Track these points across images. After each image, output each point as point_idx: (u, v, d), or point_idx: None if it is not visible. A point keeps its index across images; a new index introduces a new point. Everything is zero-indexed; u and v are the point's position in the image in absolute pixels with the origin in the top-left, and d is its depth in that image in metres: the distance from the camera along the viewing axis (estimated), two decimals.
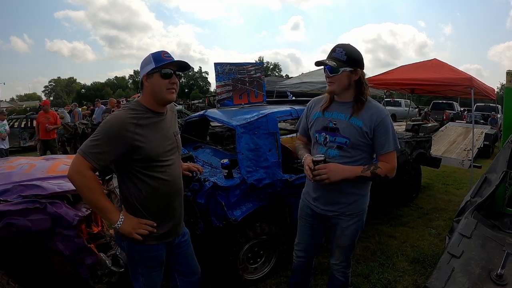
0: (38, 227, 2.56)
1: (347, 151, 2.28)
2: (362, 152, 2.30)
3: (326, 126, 2.35)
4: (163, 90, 2.00)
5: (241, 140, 3.35)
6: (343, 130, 2.27)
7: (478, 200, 2.61)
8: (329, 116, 2.36)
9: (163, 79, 1.99)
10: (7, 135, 8.98)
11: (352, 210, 2.39)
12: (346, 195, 2.36)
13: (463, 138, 10.62)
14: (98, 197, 1.91)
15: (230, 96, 4.50)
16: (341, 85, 2.25)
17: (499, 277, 1.79)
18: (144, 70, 2.01)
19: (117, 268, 2.94)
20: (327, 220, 2.48)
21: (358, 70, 2.23)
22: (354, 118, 2.25)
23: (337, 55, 2.21)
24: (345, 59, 2.19)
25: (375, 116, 2.23)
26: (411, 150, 5.60)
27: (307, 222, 2.60)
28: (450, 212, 5.59)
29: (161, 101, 2.06)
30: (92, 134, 1.92)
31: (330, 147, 2.32)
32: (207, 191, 3.00)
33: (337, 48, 2.23)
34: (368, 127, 2.23)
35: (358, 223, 2.44)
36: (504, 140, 3.97)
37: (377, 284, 3.52)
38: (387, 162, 2.27)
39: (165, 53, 2.01)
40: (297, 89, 14.86)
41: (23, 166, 3.21)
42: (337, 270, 2.57)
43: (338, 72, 2.20)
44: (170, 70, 2.00)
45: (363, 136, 2.24)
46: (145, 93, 2.04)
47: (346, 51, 2.20)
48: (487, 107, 18.86)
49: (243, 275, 3.40)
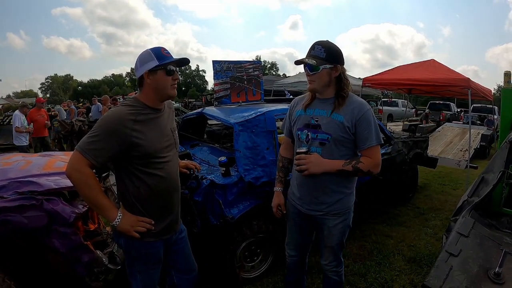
0: (35, 224, 2.54)
1: (329, 148, 2.26)
2: (345, 149, 2.28)
3: (308, 123, 2.35)
4: (168, 86, 2.02)
5: (239, 138, 3.35)
6: (325, 126, 2.26)
7: (475, 200, 2.62)
8: (310, 113, 2.35)
9: (168, 76, 2.00)
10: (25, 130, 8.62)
11: (337, 209, 2.37)
12: (330, 194, 2.34)
13: (460, 138, 10.69)
14: (96, 194, 1.91)
15: (228, 94, 4.50)
16: (322, 82, 2.24)
17: (496, 275, 1.80)
18: (145, 67, 1.99)
19: (114, 266, 2.93)
20: (313, 219, 2.47)
21: (338, 67, 2.23)
22: (336, 114, 2.24)
23: (316, 52, 2.21)
24: (324, 56, 2.18)
25: (357, 110, 2.22)
26: (408, 150, 5.61)
27: (295, 221, 2.60)
28: (446, 212, 5.60)
29: (164, 97, 2.07)
30: (90, 131, 1.91)
31: (313, 144, 2.31)
32: (204, 189, 2.99)
33: (316, 45, 2.23)
34: (350, 121, 2.21)
35: (345, 222, 2.44)
36: (501, 141, 3.99)
37: (374, 283, 3.52)
38: (370, 157, 2.24)
39: (165, 50, 2.02)
40: (294, 88, 14.90)
41: (19, 162, 3.19)
42: (329, 270, 2.56)
43: (318, 70, 2.19)
44: (173, 67, 2.02)
45: (344, 131, 2.22)
46: (145, 89, 2.04)
47: (325, 48, 2.20)
48: (483, 108, 18.92)
49: (240, 274, 3.39)
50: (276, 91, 15.82)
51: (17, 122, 8.50)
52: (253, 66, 4.72)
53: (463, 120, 17.13)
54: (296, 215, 2.56)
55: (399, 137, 5.75)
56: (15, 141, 8.61)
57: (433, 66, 8.54)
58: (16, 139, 8.55)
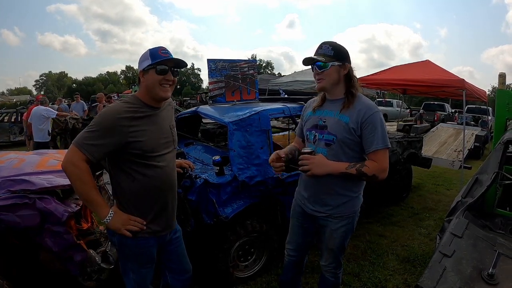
0: (27, 223, 2.53)
1: (335, 150, 2.25)
2: (351, 151, 2.25)
3: (316, 124, 2.35)
4: (156, 86, 2.00)
5: (233, 137, 3.34)
6: (331, 127, 2.25)
7: (469, 200, 2.63)
8: (320, 114, 2.35)
9: (157, 75, 1.98)
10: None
11: (341, 212, 2.34)
12: (335, 196, 2.32)
13: (454, 139, 10.73)
14: (90, 190, 1.91)
15: (223, 92, 4.50)
16: (331, 80, 2.23)
17: (490, 276, 1.81)
18: (141, 66, 2.01)
19: (107, 265, 2.91)
20: (316, 220, 2.46)
21: (346, 65, 2.23)
22: (342, 115, 2.23)
23: (324, 51, 2.21)
24: (333, 54, 2.19)
25: (363, 111, 2.18)
26: (402, 150, 5.63)
27: (298, 221, 2.58)
28: (440, 212, 5.63)
29: (155, 97, 2.05)
30: (87, 126, 1.91)
31: (319, 145, 2.31)
32: (198, 188, 2.98)
33: (323, 45, 2.23)
34: (355, 123, 2.18)
35: (348, 226, 2.40)
36: (495, 142, 4.01)
37: (368, 282, 3.53)
38: (375, 161, 2.17)
39: (163, 50, 2.01)
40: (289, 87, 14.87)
41: (12, 160, 3.17)
42: (327, 271, 2.55)
43: (327, 67, 2.19)
44: (165, 66, 2.00)
45: (349, 133, 2.19)
46: (141, 88, 2.05)
47: (333, 47, 2.20)
48: (478, 109, 19.03)
49: (234, 273, 3.39)
50: (271, 90, 15.81)
51: (52, 113, 8.53)
52: (248, 65, 4.71)
53: (458, 121, 17.22)
54: (300, 214, 2.55)
55: (394, 137, 5.77)
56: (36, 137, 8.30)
57: (428, 66, 8.58)
58: (38, 135, 8.28)
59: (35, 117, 8.22)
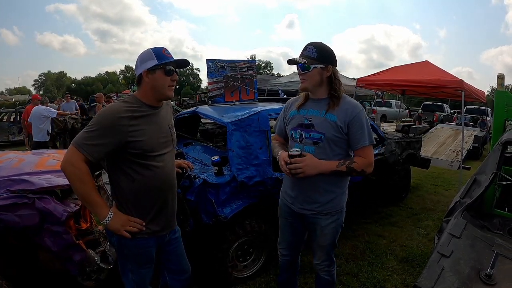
0: (26, 222, 2.53)
1: (323, 148, 2.29)
2: (338, 148, 2.31)
3: (301, 123, 2.38)
4: (165, 87, 2.02)
5: (232, 138, 3.34)
6: (318, 126, 2.29)
7: (467, 201, 2.64)
8: (304, 113, 2.38)
9: (166, 76, 2.00)
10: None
11: (329, 208, 2.39)
12: (323, 193, 2.36)
13: (453, 140, 10.74)
14: (89, 190, 1.90)
15: (222, 93, 4.50)
16: (313, 81, 2.28)
17: (488, 276, 1.81)
18: (144, 66, 1.99)
19: (106, 265, 2.91)
20: (305, 219, 2.49)
21: (329, 67, 2.26)
22: (329, 114, 2.27)
23: (308, 53, 2.26)
24: (316, 56, 2.23)
25: (350, 111, 2.26)
26: (401, 150, 5.63)
27: (287, 221, 2.61)
28: (438, 213, 5.64)
29: (161, 97, 2.07)
30: (87, 126, 1.91)
31: (306, 143, 2.33)
32: (197, 188, 2.99)
33: (309, 46, 2.27)
34: (343, 121, 2.25)
35: (337, 222, 2.45)
36: (494, 142, 4.02)
37: (366, 282, 3.54)
38: (363, 157, 2.27)
39: (166, 50, 2.03)
40: (288, 88, 14.89)
41: (11, 160, 3.17)
42: (321, 269, 2.57)
43: (309, 69, 2.24)
44: (172, 67, 2.02)
45: (337, 131, 2.25)
46: (143, 88, 2.04)
47: (317, 49, 2.24)
48: (476, 110, 19.03)
49: (233, 273, 3.39)
50: (270, 91, 15.82)
51: (53, 112, 8.51)
52: (247, 65, 4.72)
53: (456, 121, 17.23)
54: (288, 214, 2.57)
55: (393, 137, 5.76)
56: (36, 137, 8.24)
57: (427, 67, 8.58)
58: (37, 135, 8.22)
59: (35, 116, 8.19)
